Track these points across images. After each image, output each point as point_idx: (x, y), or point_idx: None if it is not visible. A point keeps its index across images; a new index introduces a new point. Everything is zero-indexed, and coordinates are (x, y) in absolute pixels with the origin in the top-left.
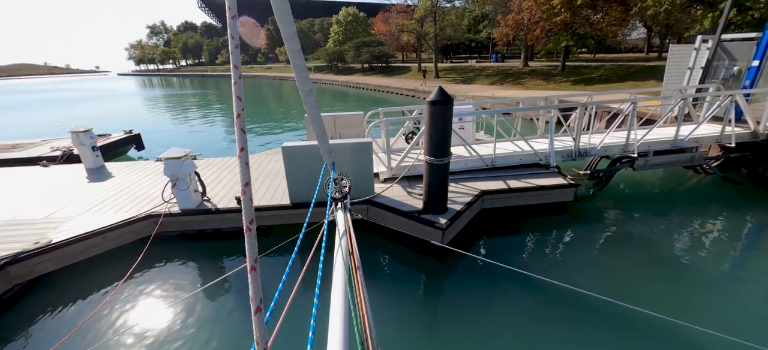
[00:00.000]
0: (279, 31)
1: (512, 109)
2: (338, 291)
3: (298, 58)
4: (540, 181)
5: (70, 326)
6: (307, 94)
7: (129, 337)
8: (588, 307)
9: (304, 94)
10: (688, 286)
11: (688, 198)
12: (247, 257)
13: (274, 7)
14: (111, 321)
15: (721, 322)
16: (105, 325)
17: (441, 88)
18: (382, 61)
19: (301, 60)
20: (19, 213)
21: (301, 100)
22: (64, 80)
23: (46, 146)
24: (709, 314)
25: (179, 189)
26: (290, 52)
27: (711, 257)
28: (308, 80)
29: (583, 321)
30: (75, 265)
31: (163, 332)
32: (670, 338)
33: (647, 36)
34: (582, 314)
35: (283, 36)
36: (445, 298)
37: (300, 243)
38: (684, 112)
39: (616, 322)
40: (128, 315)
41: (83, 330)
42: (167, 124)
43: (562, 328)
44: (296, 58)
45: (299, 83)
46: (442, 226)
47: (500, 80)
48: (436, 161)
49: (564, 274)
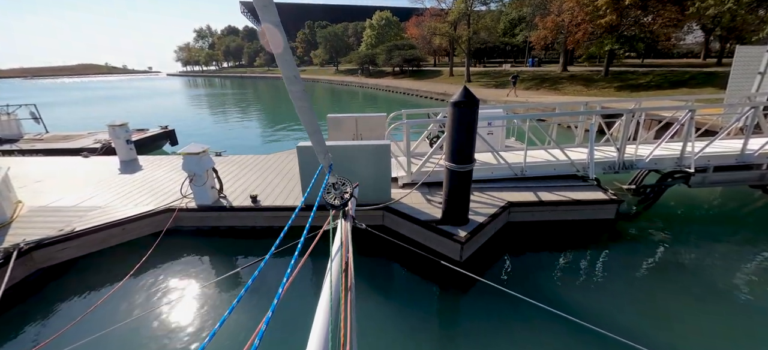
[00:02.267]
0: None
1: (547, 115)
2: (321, 318)
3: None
4: (576, 195)
5: (86, 310)
6: (291, 81)
7: (139, 324)
8: None
9: (289, 80)
10: (750, 331)
11: (754, 223)
12: None
13: None
14: (123, 308)
15: None
16: (116, 312)
17: (466, 88)
18: (413, 65)
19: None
20: (51, 201)
21: (288, 91)
22: (121, 79)
23: (90, 139)
24: None
25: (196, 184)
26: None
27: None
28: (292, 65)
29: None
30: (95, 253)
31: (171, 322)
32: None
33: (705, 39)
34: None
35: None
36: (460, 320)
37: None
38: (753, 123)
39: None
40: (140, 304)
41: (97, 315)
42: (205, 121)
43: None
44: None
45: (282, 69)
46: (461, 239)
47: (536, 85)
48: (457, 168)
49: (599, 307)
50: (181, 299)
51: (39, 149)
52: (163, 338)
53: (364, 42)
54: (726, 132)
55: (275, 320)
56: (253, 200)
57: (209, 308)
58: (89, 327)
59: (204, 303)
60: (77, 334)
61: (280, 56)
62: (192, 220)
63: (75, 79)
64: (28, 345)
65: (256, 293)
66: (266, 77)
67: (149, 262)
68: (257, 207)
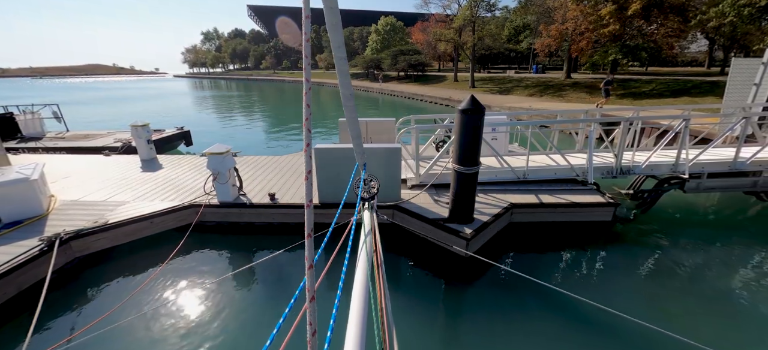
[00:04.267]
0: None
1: (549, 121)
2: (360, 283)
3: (344, 65)
4: (575, 198)
5: (119, 298)
6: (347, 98)
7: (167, 313)
8: (617, 330)
9: (345, 97)
10: (742, 329)
11: (748, 229)
12: (306, 257)
13: (327, 19)
14: (153, 297)
15: None
16: (147, 301)
17: (473, 96)
18: (417, 70)
19: (346, 67)
20: (83, 195)
21: (342, 103)
22: (129, 80)
23: (110, 138)
24: None
25: (219, 182)
26: (337, 59)
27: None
28: (349, 85)
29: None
30: (125, 245)
31: (196, 311)
32: None
33: (709, 49)
34: (611, 339)
35: (332, 44)
36: (466, 309)
37: (326, 241)
38: (747, 132)
39: None
40: (167, 294)
41: (129, 303)
42: (212, 123)
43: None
44: (342, 65)
45: (342, 88)
46: (467, 236)
47: (539, 92)
48: (464, 170)
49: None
50: (208, 289)
51: (62, 147)
52: (193, 325)
53: (370, 46)
54: (721, 140)
55: None
56: (272, 198)
57: (233, 297)
58: (125, 311)
59: (228, 292)
60: (116, 317)
61: (342, 73)
62: (215, 216)
63: (84, 78)
64: (74, 326)
65: (280, 283)
66: (272, 80)
67: (176, 254)
68: (275, 204)
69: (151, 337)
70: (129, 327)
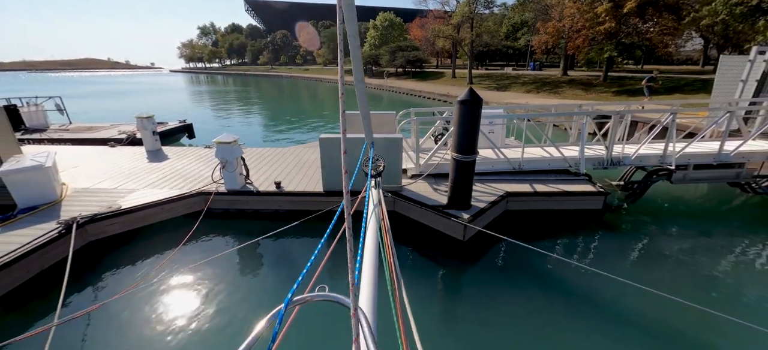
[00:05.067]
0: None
1: (544, 114)
2: (371, 241)
3: (357, 52)
4: (567, 187)
5: (134, 278)
6: (359, 81)
7: (177, 293)
8: (607, 293)
9: (357, 81)
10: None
11: (732, 218)
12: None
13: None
14: (167, 277)
15: None
16: (161, 281)
17: (471, 88)
18: (416, 66)
19: (359, 53)
20: (91, 184)
21: (354, 84)
22: (124, 75)
23: (114, 130)
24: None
25: (228, 171)
26: (352, 47)
27: (753, 284)
28: (361, 70)
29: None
30: (137, 230)
31: (206, 291)
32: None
33: (704, 47)
34: (604, 300)
35: (349, 33)
36: (464, 288)
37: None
38: (732, 126)
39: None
40: (181, 275)
41: (144, 282)
42: (212, 117)
43: (575, 318)
44: (356, 52)
45: (354, 72)
46: (465, 221)
47: (536, 88)
48: (462, 158)
49: (585, 279)
50: (220, 270)
51: (66, 138)
52: (207, 302)
53: (368, 42)
54: (708, 133)
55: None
56: (277, 186)
57: (245, 276)
58: (141, 290)
59: (239, 272)
60: (133, 296)
61: (356, 58)
62: (223, 203)
63: (80, 73)
64: (95, 299)
65: (288, 263)
66: (269, 76)
67: (191, 238)
68: (281, 192)
69: (166, 314)
70: (145, 304)
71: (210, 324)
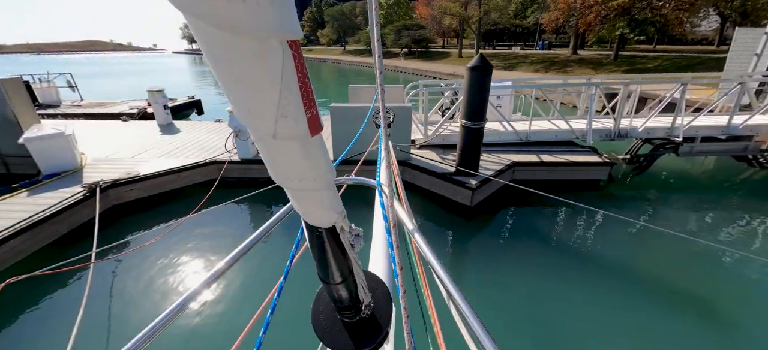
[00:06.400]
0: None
1: (552, 85)
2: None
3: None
4: (573, 158)
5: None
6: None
7: (193, 254)
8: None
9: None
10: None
11: (737, 192)
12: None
13: None
14: (180, 240)
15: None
16: (174, 244)
17: (482, 54)
18: (421, 46)
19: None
20: (109, 154)
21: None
22: (128, 56)
23: (125, 106)
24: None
25: (241, 139)
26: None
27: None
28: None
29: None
30: (154, 195)
31: (220, 254)
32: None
33: (720, 26)
34: (594, 277)
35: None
36: (471, 249)
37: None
38: (742, 100)
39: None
40: (197, 238)
41: (162, 244)
42: (217, 96)
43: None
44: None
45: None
46: (472, 187)
47: (544, 68)
48: (471, 125)
49: (586, 241)
50: (230, 235)
51: (79, 114)
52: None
53: None
54: (718, 107)
55: None
56: None
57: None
58: (161, 246)
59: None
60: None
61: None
62: (237, 171)
63: (84, 54)
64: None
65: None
66: None
67: (205, 204)
68: None
69: (186, 266)
70: (164, 257)
71: (228, 275)
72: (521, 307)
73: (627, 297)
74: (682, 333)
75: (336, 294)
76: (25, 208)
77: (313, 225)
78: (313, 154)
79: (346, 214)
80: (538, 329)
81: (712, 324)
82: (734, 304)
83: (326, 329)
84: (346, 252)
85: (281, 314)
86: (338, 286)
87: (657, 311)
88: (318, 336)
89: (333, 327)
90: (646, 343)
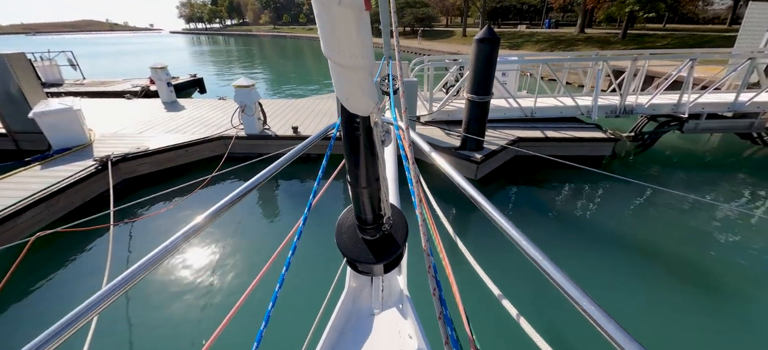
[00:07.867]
0: None
1: (559, 60)
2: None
3: None
4: (578, 134)
5: (160, 214)
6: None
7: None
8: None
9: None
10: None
11: (741, 170)
12: None
13: None
14: (193, 212)
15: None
16: (187, 215)
17: (489, 26)
18: (425, 24)
19: None
20: (116, 130)
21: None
22: (124, 36)
23: (128, 84)
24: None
25: (247, 115)
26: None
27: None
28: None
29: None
30: (163, 170)
31: (229, 226)
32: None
33: (733, 4)
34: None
35: None
36: (475, 221)
37: None
38: (750, 76)
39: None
40: (204, 208)
41: (171, 215)
42: (217, 76)
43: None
44: None
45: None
46: (477, 160)
47: (550, 47)
48: (477, 98)
49: (588, 217)
50: (239, 208)
51: (82, 92)
52: (231, 235)
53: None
54: (725, 84)
55: None
56: (295, 130)
57: (261, 215)
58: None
59: (259, 210)
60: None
61: None
62: (243, 147)
63: (80, 35)
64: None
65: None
66: (273, 36)
67: (213, 181)
68: (299, 135)
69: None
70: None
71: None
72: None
73: (626, 266)
74: (682, 293)
75: (362, 202)
76: (40, 181)
77: (354, 113)
78: (364, 31)
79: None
80: (541, 294)
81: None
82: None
83: (350, 246)
84: (376, 153)
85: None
86: (366, 190)
87: (657, 276)
88: (342, 253)
89: (356, 244)
90: (648, 308)
